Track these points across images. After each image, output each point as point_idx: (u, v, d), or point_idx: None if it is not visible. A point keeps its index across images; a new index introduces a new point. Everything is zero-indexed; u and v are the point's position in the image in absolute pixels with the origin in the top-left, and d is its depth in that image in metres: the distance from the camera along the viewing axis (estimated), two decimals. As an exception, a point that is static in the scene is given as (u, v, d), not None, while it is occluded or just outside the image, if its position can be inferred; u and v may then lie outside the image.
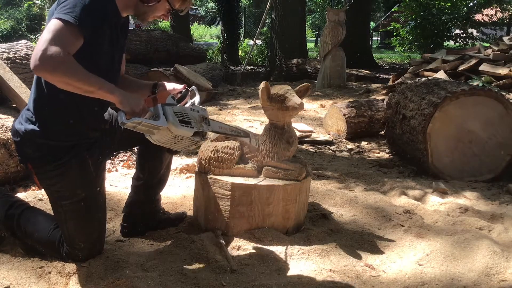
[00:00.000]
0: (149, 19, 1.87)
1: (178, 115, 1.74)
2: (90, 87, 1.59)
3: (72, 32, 1.56)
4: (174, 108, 1.76)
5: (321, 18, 22.82)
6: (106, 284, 1.71)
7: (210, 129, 1.87)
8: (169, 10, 1.86)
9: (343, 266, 1.95)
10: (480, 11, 11.66)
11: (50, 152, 1.77)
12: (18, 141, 1.80)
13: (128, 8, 1.82)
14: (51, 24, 1.56)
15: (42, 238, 1.92)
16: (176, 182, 3.02)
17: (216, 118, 5.16)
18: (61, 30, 1.54)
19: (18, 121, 1.81)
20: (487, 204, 2.74)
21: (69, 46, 1.55)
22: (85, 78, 1.57)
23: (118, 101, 1.65)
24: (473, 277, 1.85)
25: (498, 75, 5.16)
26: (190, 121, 1.77)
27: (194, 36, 21.56)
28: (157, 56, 7.38)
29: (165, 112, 1.72)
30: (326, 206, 2.57)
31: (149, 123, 1.68)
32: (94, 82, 1.60)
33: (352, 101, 4.97)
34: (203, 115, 1.85)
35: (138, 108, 1.66)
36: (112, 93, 1.64)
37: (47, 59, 1.49)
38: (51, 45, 1.50)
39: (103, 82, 1.62)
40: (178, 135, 1.74)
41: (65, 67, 1.52)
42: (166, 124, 1.70)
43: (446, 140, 3.25)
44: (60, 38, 1.53)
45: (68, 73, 1.54)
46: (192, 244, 2.07)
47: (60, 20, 1.55)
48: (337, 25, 7.56)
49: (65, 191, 1.80)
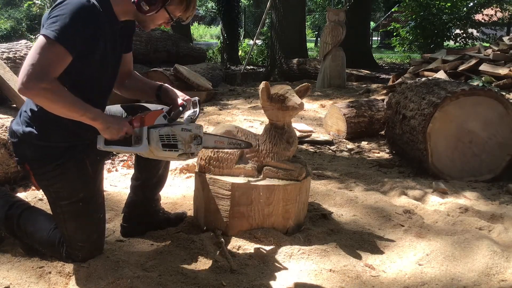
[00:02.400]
0: (150, 27, 1.87)
1: (164, 139, 1.74)
2: (73, 113, 1.64)
3: (57, 51, 1.57)
4: (161, 130, 1.75)
5: (321, 18, 22.81)
6: (106, 284, 1.71)
7: (200, 148, 1.86)
8: (169, 20, 1.84)
9: (343, 266, 1.95)
10: (480, 11, 11.66)
11: (48, 153, 1.77)
12: (15, 142, 1.80)
13: (127, 14, 1.81)
14: (38, 44, 1.57)
15: (42, 238, 1.92)
16: (176, 182, 3.02)
17: (216, 118, 5.17)
18: (46, 51, 1.55)
19: (16, 121, 1.81)
20: (487, 204, 2.74)
21: (54, 69, 1.57)
22: (68, 104, 1.61)
23: (99, 128, 1.69)
24: (473, 277, 1.85)
25: (498, 75, 5.16)
26: (177, 143, 1.77)
27: (194, 36, 21.56)
28: (157, 56, 7.39)
29: (149, 136, 1.73)
30: (326, 206, 2.57)
31: (127, 150, 1.73)
32: (76, 109, 1.63)
33: (352, 101, 4.97)
34: (196, 133, 1.83)
35: (118, 135, 1.71)
36: (95, 120, 1.67)
37: (31, 84, 1.52)
38: (36, 70, 1.52)
39: (87, 109, 1.65)
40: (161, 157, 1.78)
41: (48, 94, 1.55)
42: (147, 149, 1.73)
43: (446, 140, 3.25)
44: (45, 61, 1.54)
45: (51, 99, 1.58)
46: (192, 244, 2.07)
47: (47, 38, 1.56)
48: (337, 25, 7.56)
49: (63, 191, 1.80)
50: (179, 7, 1.80)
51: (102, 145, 1.71)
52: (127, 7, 1.77)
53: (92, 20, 1.65)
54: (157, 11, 1.76)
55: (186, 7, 1.82)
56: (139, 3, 1.73)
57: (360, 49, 11.49)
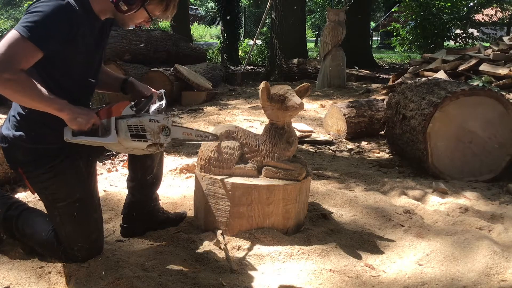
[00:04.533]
0: (129, 25, 1.85)
1: (132, 129, 1.72)
2: (38, 104, 1.62)
3: (27, 47, 1.56)
4: (129, 121, 1.73)
5: (321, 18, 22.81)
6: (106, 284, 1.71)
7: (169, 139, 1.83)
8: (149, 19, 1.82)
9: (343, 266, 1.95)
10: (480, 11, 11.65)
11: (41, 155, 1.76)
12: (6, 147, 1.79)
13: (106, 12, 1.80)
14: (8, 36, 1.56)
15: (40, 239, 1.91)
16: (176, 182, 3.02)
17: (216, 118, 5.17)
18: (15, 44, 1.54)
19: (5, 126, 1.80)
20: (487, 204, 2.74)
21: (22, 62, 1.56)
22: (33, 95, 1.60)
23: (66, 119, 1.67)
24: (473, 277, 1.85)
25: (498, 75, 5.16)
26: (145, 134, 1.75)
27: (194, 36, 21.55)
28: (157, 56, 7.38)
29: (117, 126, 1.70)
30: (326, 206, 2.57)
31: (95, 141, 1.70)
32: (42, 100, 1.61)
33: (352, 101, 4.97)
34: (164, 124, 1.81)
35: (86, 126, 1.68)
36: (61, 110, 1.65)
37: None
38: (3, 61, 1.51)
39: (53, 101, 1.63)
40: (130, 147, 1.75)
41: (12, 84, 1.54)
42: (115, 140, 1.70)
43: (446, 140, 3.25)
44: (13, 53, 1.54)
45: (14, 90, 1.56)
46: (192, 244, 2.07)
47: (17, 32, 1.55)
48: (337, 25, 7.56)
49: (59, 193, 1.80)
50: (159, 6, 1.79)
51: (70, 136, 1.68)
52: (105, 5, 1.75)
53: (66, 19, 1.64)
54: (136, 11, 1.75)
55: (166, 6, 1.80)
56: (117, 3, 1.71)
57: (360, 49, 11.49)
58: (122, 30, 7.16)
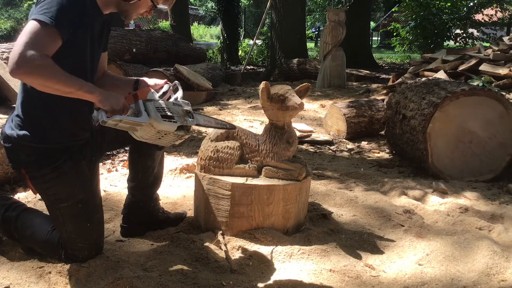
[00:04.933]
0: (132, 16, 1.85)
1: (160, 111, 1.72)
2: (69, 88, 1.58)
3: (49, 33, 1.55)
4: (155, 103, 1.74)
5: (321, 18, 22.81)
6: (106, 284, 1.71)
7: (194, 122, 1.83)
8: (152, 7, 1.83)
9: (343, 266, 1.95)
10: (480, 11, 11.65)
11: (44, 155, 1.75)
12: (9, 147, 1.77)
13: (110, 5, 1.80)
14: (28, 26, 1.55)
15: (40, 240, 1.91)
16: (176, 182, 3.02)
17: (216, 118, 5.16)
18: (38, 32, 1.53)
19: (9, 126, 1.78)
20: (487, 204, 2.74)
21: (47, 47, 1.54)
22: (64, 79, 1.56)
23: (97, 100, 1.64)
24: (473, 277, 1.85)
25: (498, 75, 5.16)
26: (173, 116, 1.74)
27: (194, 36, 21.54)
28: (157, 56, 7.38)
29: (146, 108, 1.70)
30: (326, 206, 2.57)
31: (130, 120, 1.66)
32: (72, 83, 1.59)
33: (352, 101, 4.97)
34: (187, 109, 1.82)
35: (118, 106, 1.65)
36: (91, 92, 1.63)
37: (24, 62, 1.48)
38: (28, 48, 1.49)
39: (82, 82, 1.61)
40: (161, 130, 1.72)
41: (42, 70, 1.52)
42: (148, 120, 1.68)
43: (446, 140, 3.25)
44: (37, 40, 1.52)
45: (45, 75, 1.53)
46: (192, 244, 2.07)
47: (37, 21, 1.54)
48: (337, 25, 7.56)
49: (61, 193, 1.79)
50: None
51: (105, 117, 1.64)
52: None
53: (79, 5, 1.64)
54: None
55: None
56: None
57: (360, 49, 11.49)
58: (122, 30, 7.16)
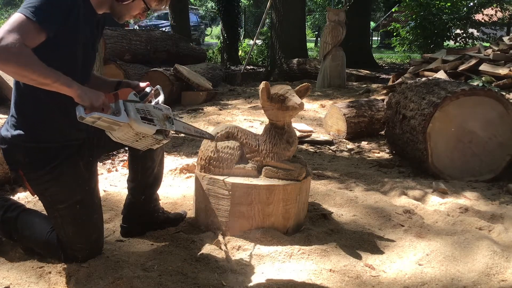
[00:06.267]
0: (125, 18, 1.85)
1: (140, 112, 1.70)
2: (45, 79, 1.55)
3: (32, 26, 1.53)
4: (136, 104, 1.72)
5: (321, 18, 22.81)
6: (106, 284, 1.71)
7: (173, 128, 1.81)
8: (145, 9, 1.83)
9: (343, 266, 1.95)
10: (480, 11, 11.64)
11: (40, 156, 1.74)
12: (6, 148, 1.77)
13: (103, 5, 1.79)
14: (12, 18, 1.54)
15: (40, 240, 1.90)
16: (176, 182, 3.02)
17: (216, 118, 5.17)
18: (20, 23, 1.52)
19: (4, 128, 1.78)
20: (487, 204, 2.74)
21: (27, 38, 1.52)
22: (41, 70, 1.53)
23: (76, 95, 1.59)
24: (473, 277, 1.85)
25: (498, 75, 5.16)
26: (153, 119, 1.72)
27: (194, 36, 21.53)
28: (157, 56, 7.38)
29: (126, 108, 1.67)
30: (326, 206, 2.57)
31: (109, 118, 1.62)
32: (50, 75, 1.55)
33: (352, 101, 4.97)
34: (167, 114, 1.80)
35: (97, 102, 1.61)
36: (69, 86, 1.59)
37: (2, 49, 1.46)
38: (7, 36, 1.47)
39: (60, 75, 1.57)
40: (140, 132, 1.69)
41: (19, 58, 1.49)
42: (127, 120, 1.64)
43: (446, 140, 3.25)
44: (18, 30, 1.50)
45: (22, 64, 1.50)
46: (192, 244, 2.07)
47: (21, 13, 1.53)
48: (337, 25, 7.56)
49: (59, 195, 1.79)
50: None
51: (83, 114, 1.59)
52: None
53: (67, 4, 1.63)
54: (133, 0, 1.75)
55: None
56: None
57: (360, 49, 11.48)
58: (122, 30, 7.15)
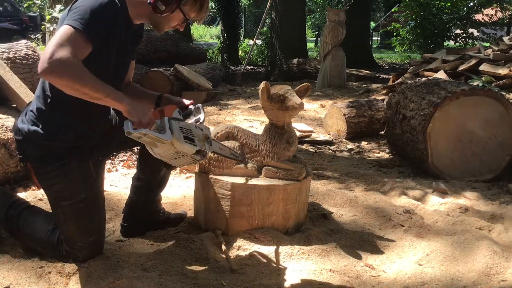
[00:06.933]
0: (164, 29, 1.86)
1: (184, 131, 1.72)
2: (97, 93, 1.58)
3: (81, 38, 1.56)
4: (180, 123, 1.74)
5: (321, 18, 22.80)
6: (106, 284, 1.71)
7: (211, 149, 1.85)
8: (184, 20, 1.84)
9: (343, 266, 1.95)
10: (480, 11, 11.64)
11: (52, 153, 1.76)
12: (20, 140, 1.79)
13: (141, 17, 1.81)
14: (60, 30, 1.56)
15: (41, 239, 1.91)
16: (176, 182, 3.02)
17: (216, 118, 5.17)
18: (70, 36, 1.54)
19: (21, 120, 1.80)
20: (487, 204, 2.74)
21: (78, 51, 1.54)
22: (93, 84, 1.56)
23: (126, 110, 1.63)
24: (473, 277, 1.85)
25: (498, 75, 5.15)
26: (194, 139, 1.75)
27: (194, 36, 21.54)
28: (157, 56, 7.38)
29: (171, 126, 1.69)
30: (326, 206, 2.57)
31: (154, 135, 1.65)
32: (101, 89, 1.58)
33: (352, 101, 4.97)
34: (207, 134, 1.84)
35: (145, 119, 1.64)
36: (120, 101, 1.62)
37: (56, 62, 1.48)
38: (60, 49, 1.50)
39: (111, 90, 1.61)
40: (180, 151, 1.72)
41: (72, 71, 1.51)
42: (171, 139, 1.67)
43: (446, 140, 3.25)
44: (69, 42, 1.52)
45: (75, 78, 1.52)
46: (192, 244, 2.07)
47: (69, 26, 1.55)
48: (337, 25, 7.56)
49: (65, 191, 1.80)
50: (194, 7, 1.81)
51: (131, 129, 1.63)
52: (142, 10, 1.78)
53: (112, 13, 1.65)
54: (172, 11, 1.76)
55: (200, 7, 1.83)
56: (155, 3, 1.73)
57: (360, 49, 11.49)
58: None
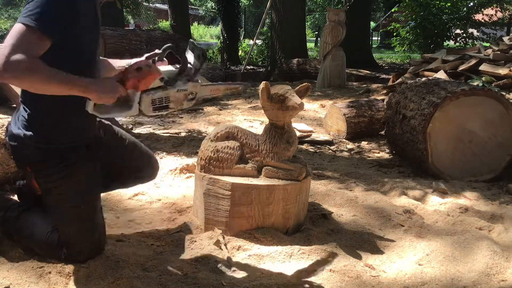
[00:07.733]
0: None
1: (156, 102, 1.78)
2: (61, 88, 1.55)
3: (34, 36, 1.52)
4: (154, 95, 1.77)
5: (321, 18, 22.80)
6: (106, 284, 1.71)
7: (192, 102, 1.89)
8: None
9: (343, 266, 1.95)
10: (480, 11, 11.64)
11: (52, 155, 1.74)
12: (16, 146, 1.76)
13: None
14: (14, 29, 1.52)
15: (40, 241, 1.90)
16: (176, 182, 3.02)
17: (216, 118, 5.17)
18: (23, 34, 1.50)
19: (15, 124, 1.76)
20: (487, 204, 2.74)
21: (34, 49, 1.51)
22: (54, 80, 1.52)
23: (96, 98, 1.62)
24: (473, 277, 1.85)
25: (498, 75, 5.16)
26: (168, 104, 1.81)
27: (194, 36, 21.55)
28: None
29: (141, 100, 1.75)
30: (326, 206, 2.57)
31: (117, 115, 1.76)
32: (64, 83, 1.54)
33: (352, 101, 4.97)
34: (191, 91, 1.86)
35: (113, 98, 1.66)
36: (86, 91, 1.60)
37: (11, 65, 1.45)
38: (15, 51, 1.46)
39: (74, 81, 1.57)
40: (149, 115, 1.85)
41: (30, 72, 1.48)
42: (136, 112, 1.76)
43: (446, 140, 3.25)
44: (23, 42, 1.49)
45: (34, 77, 1.49)
46: (192, 244, 2.07)
47: (21, 24, 1.52)
48: (337, 25, 7.56)
49: (67, 194, 1.78)
50: None
51: (90, 109, 1.66)
52: None
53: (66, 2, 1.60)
54: None
55: None
56: None
57: (360, 49, 11.49)
58: (122, 30, 7.16)
